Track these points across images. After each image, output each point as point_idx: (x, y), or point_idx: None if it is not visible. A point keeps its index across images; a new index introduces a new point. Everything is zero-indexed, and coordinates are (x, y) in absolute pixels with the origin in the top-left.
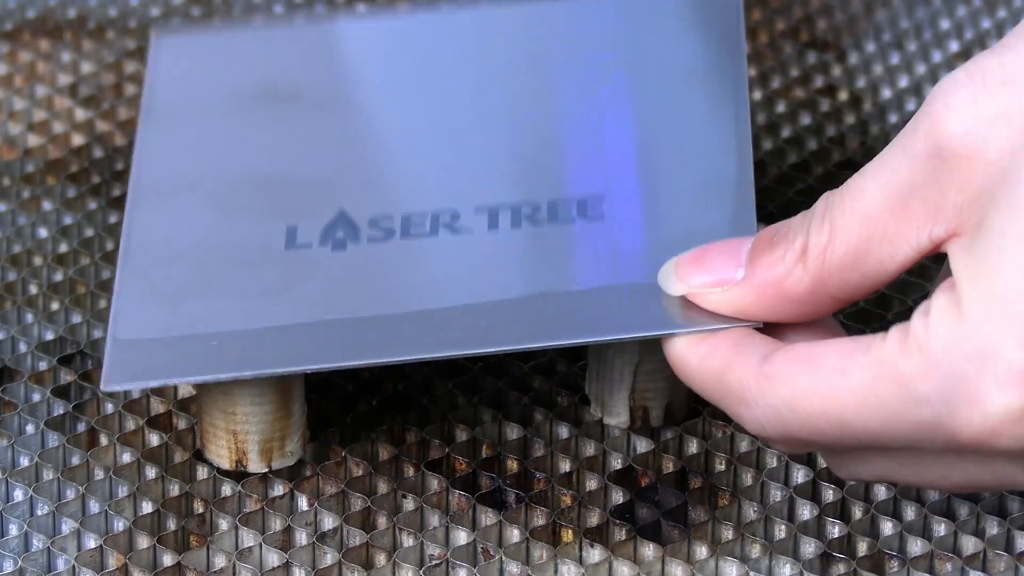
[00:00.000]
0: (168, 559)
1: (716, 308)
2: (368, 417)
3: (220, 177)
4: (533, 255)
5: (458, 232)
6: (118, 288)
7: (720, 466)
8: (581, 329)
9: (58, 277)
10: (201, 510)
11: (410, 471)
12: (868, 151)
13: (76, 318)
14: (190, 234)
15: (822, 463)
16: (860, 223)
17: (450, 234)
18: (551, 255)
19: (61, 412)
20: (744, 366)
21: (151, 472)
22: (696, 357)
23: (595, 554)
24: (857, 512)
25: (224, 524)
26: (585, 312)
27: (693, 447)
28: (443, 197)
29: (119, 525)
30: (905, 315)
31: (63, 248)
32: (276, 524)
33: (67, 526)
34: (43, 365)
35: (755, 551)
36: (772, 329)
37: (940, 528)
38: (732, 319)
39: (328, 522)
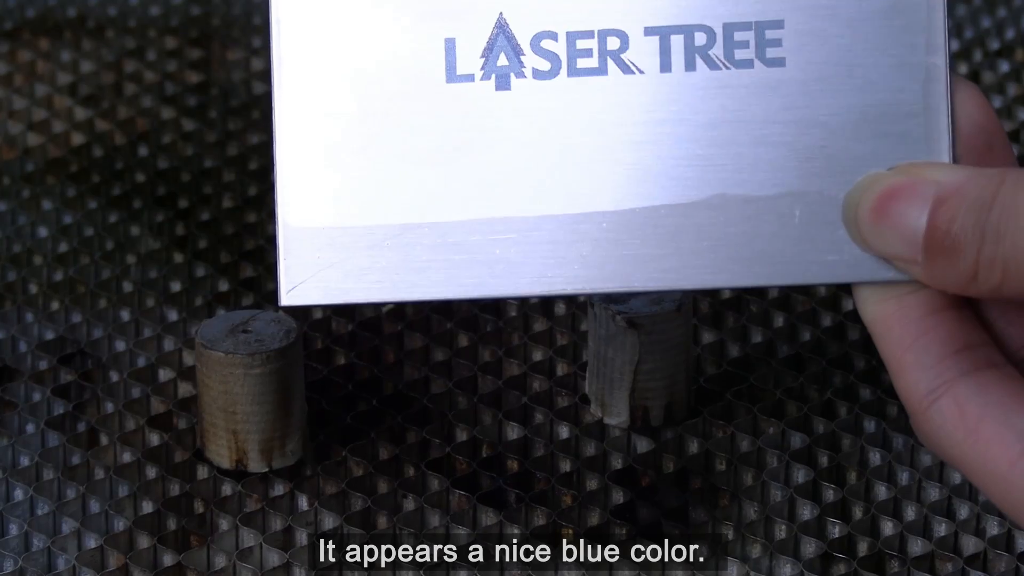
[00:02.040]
0: (168, 559)
1: (900, 270)
2: (368, 417)
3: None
4: (710, 131)
5: (628, 71)
6: (279, 161)
7: (720, 466)
8: (764, 269)
9: (58, 277)
10: (201, 510)
11: (410, 471)
12: None
13: (76, 318)
14: (346, 73)
15: (823, 463)
16: None
17: (620, 73)
18: (728, 129)
19: (61, 412)
20: (921, 367)
21: (151, 472)
22: (881, 318)
23: (595, 554)
24: (858, 512)
25: (224, 524)
26: (767, 241)
27: (693, 447)
28: (609, 14)
29: (119, 525)
30: None
31: (63, 248)
32: (276, 524)
33: (67, 526)
34: (43, 365)
35: (755, 551)
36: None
37: (941, 528)
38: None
39: (328, 522)
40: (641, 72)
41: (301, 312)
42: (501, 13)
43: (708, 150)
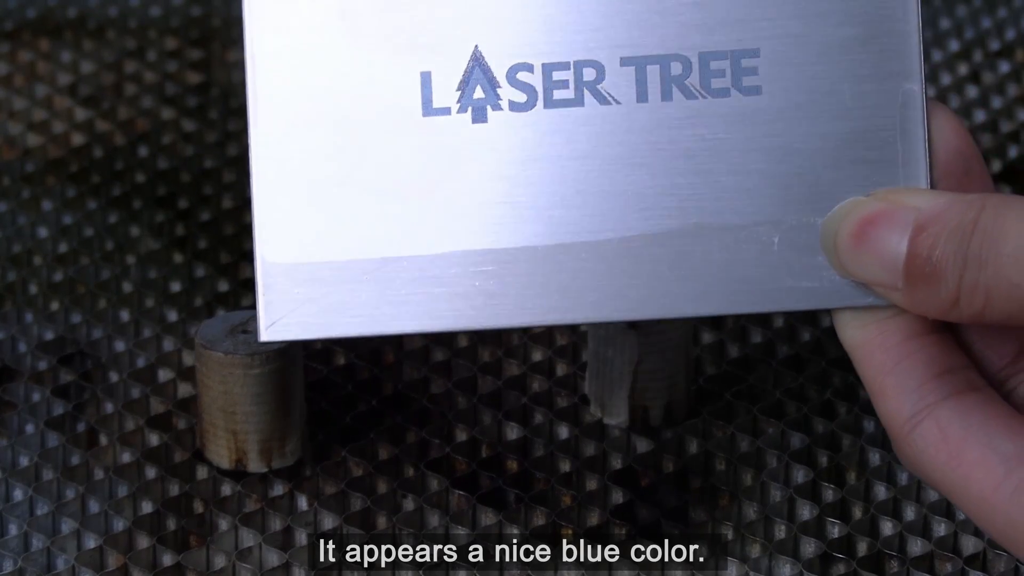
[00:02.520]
0: (168, 559)
1: (880, 295)
2: (368, 417)
3: (347, 35)
4: (687, 161)
5: (605, 102)
6: (256, 196)
7: (720, 466)
8: (743, 297)
9: (58, 277)
10: (201, 510)
11: (410, 471)
12: None
13: (76, 318)
14: (322, 107)
15: (822, 463)
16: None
17: (597, 104)
18: (706, 158)
19: (61, 412)
20: (902, 391)
21: (151, 472)
22: (861, 343)
23: (595, 554)
24: (857, 512)
25: (224, 524)
26: (746, 269)
27: (693, 447)
28: (584, 45)
29: (119, 525)
30: None
31: (63, 248)
32: (276, 524)
33: (67, 526)
34: (43, 365)
35: (755, 551)
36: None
37: (940, 528)
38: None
39: (328, 522)
40: (618, 103)
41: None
42: (476, 46)
43: (686, 179)
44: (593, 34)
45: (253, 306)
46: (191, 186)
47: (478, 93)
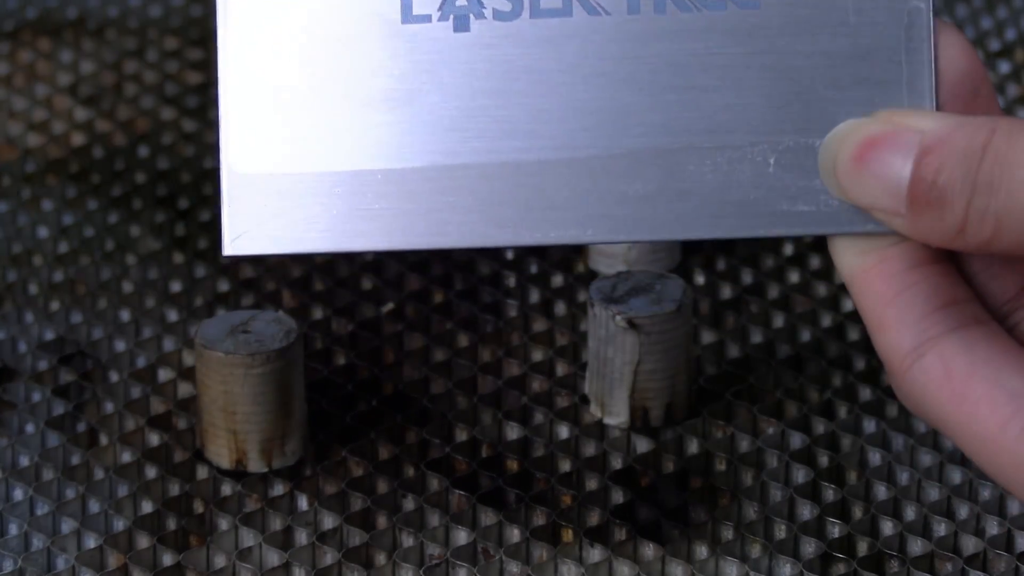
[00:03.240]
0: (168, 559)
1: (881, 222)
2: (368, 417)
3: None
4: (679, 76)
5: (594, 12)
6: (224, 105)
7: (720, 466)
8: (736, 220)
9: (58, 277)
10: (201, 510)
11: (410, 471)
12: None
13: (76, 318)
14: (296, 12)
15: (822, 463)
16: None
17: (586, 14)
18: (699, 74)
19: (61, 412)
20: (903, 323)
21: (151, 472)
22: (860, 272)
23: (595, 554)
24: (857, 512)
25: (224, 524)
26: (740, 191)
27: (693, 447)
28: None
29: (119, 525)
30: None
31: (63, 248)
32: (276, 524)
33: (67, 526)
34: (43, 365)
35: (755, 551)
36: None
37: (940, 528)
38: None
39: (328, 522)
40: (608, 13)
41: (298, 314)
42: None
43: (677, 96)
44: None
45: (218, 219)
46: (191, 186)
47: (460, 1)
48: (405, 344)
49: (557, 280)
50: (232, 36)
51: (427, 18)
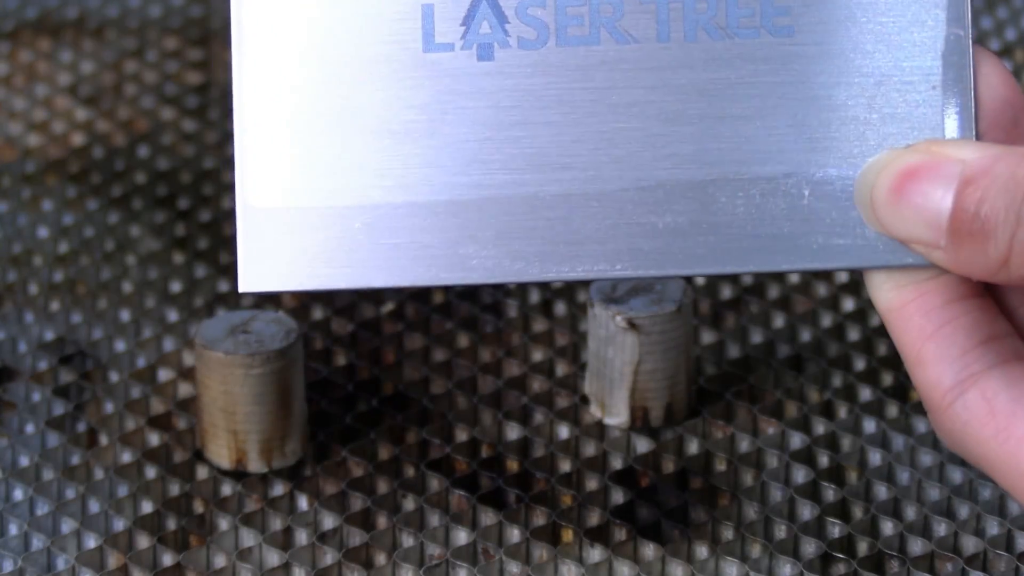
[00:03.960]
0: (168, 559)
1: (919, 255)
2: (368, 417)
3: None
4: (710, 105)
5: (623, 40)
6: (239, 137)
7: (720, 466)
8: (769, 254)
9: (58, 277)
10: (201, 510)
11: (410, 471)
12: None
13: (76, 318)
14: (315, 42)
15: (822, 463)
16: None
17: (614, 42)
18: (731, 103)
19: (61, 412)
20: (944, 359)
21: (151, 472)
22: (898, 306)
23: (595, 554)
24: (858, 512)
25: (224, 524)
26: (773, 224)
27: (693, 447)
28: None
29: (119, 525)
30: None
31: (63, 248)
32: (276, 524)
33: (67, 526)
34: (43, 365)
35: (755, 551)
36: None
37: (941, 528)
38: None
39: (328, 522)
40: (637, 41)
41: (298, 314)
42: None
43: (709, 126)
44: None
45: (233, 254)
46: (191, 186)
47: (484, 28)
48: (405, 344)
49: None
50: (248, 65)
51: (450, 47)
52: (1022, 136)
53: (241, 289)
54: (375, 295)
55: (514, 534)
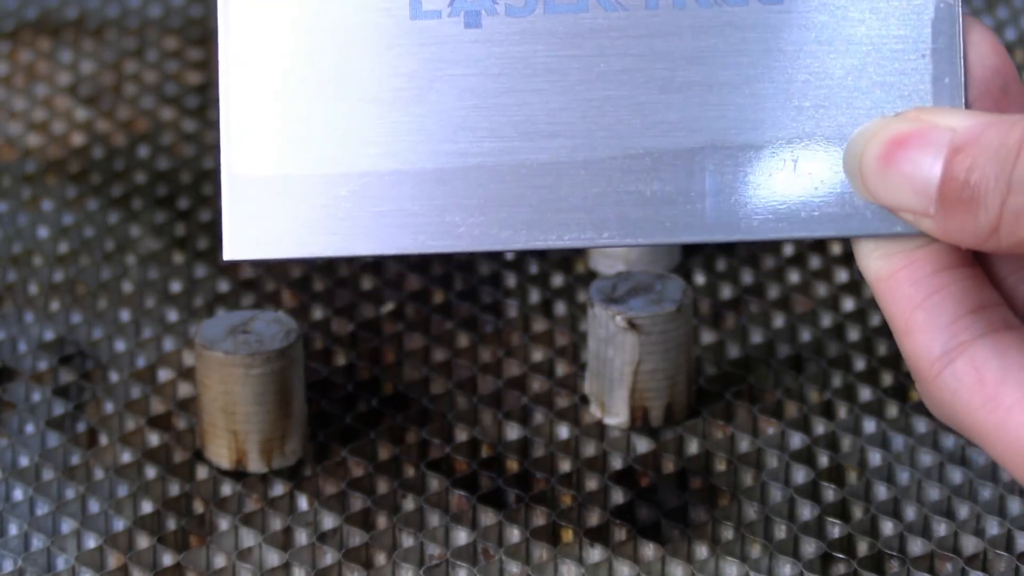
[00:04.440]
0: (168, 559)
1: (908, 223)
2: (368, 417)
3: None
4: (699, 73)
5: (612, 7)
6: (225, 105)
7: (720, 466)
8: (758, 223)
9: (58, 277)
10: (201, 510)
11: (410, 471)
12: None
13: (76, 318)
14: (301, 8)
15: (822, 463)
16: None
17: (603, 9)
18: (720, 71)
19: (61, 412)
20: (933, 328)
21: (151, 472)
22: (887, 276)
23: (595, 554)
24: (858, 512)
25: (224, 524)
26: (762, 192)
27: (693, 447)
28: None
29: (119, 525)
30: None
31: (63, 249)
32: (276, 524)
33: (67, 526)
34: (43, 365)
35: (755, 551)
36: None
37: (941, 528)
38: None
39: (328, 522)
40: (625, 8)
41: (298, 314)
42: None
43: (697, 94)
44: None
45: (218, 222)
46: (191, 186)
47: None
48: (405, 344)
49: (557, 280)
50: (234, 34)
51: (437, 14)
52: (1011, 104)
53: (225, 257)
54: (375, 296)
55: (514, 534)
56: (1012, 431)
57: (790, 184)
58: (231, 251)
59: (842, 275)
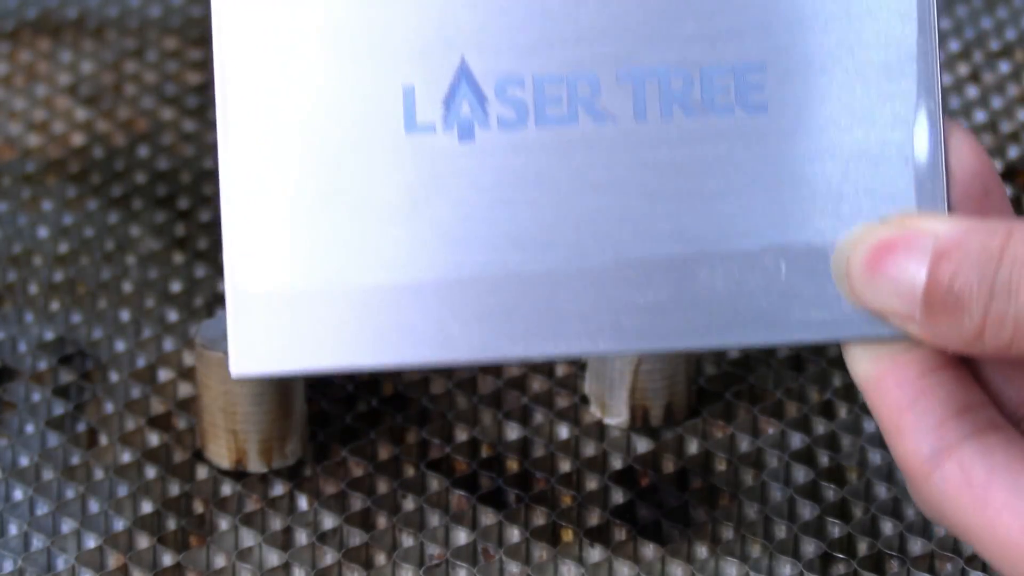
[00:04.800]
0: (168, 559)
1: (895, 327)
2: (368, 417)
3: (323, 47)
4: (687, 182)
5: (601, 119)
6: (226, 221)
7: (720, 466)
8: (749, 329)
9: (58, 277)
10: (201, 510)
11: (410, 471)
12: None
13: (76, 318)
14: (298, 124)
15: (822, 463)
16: None
17: (592, 121)
18: (708, 179)
19: (61, 412)
20: (921, 430)
21: (151, 472)
22: (875, 378)
23: (595, 554)
24: (858, 512)
25: (224, 524)
26: (752, 298)
27: (693, 447)
28: (579, 57)
29: (119, 525)
30: None
31: (63, 248)
32: (276, 524)
33: (67, 526)
34: (43, 365)
35: (755, 551)
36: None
37: (941, 528)
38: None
39: (328, 522)
40: (614, 120)
41: None
42: (463, 57)
43: (686, 202)
44: (588, 46)
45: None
46: (191, 186)
47: (465, 109)
48: None
49: None
50: (233, 148)
51: (431, 127)
52: (992, 207)
53: (232, 373)
54: None
55: (514, 534)
56: (1000, 532)
57: (779, 290)
58: (237, 367)
59: None
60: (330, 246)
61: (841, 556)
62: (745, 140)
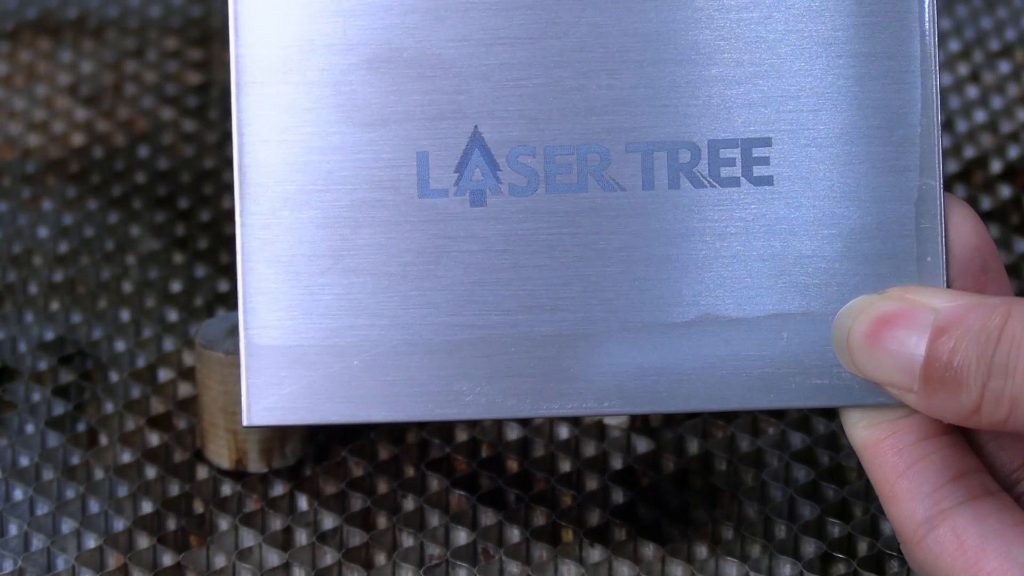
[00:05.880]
0: (168, 559)
1: (893, 397)
2: None
3: (340, 111)
4: (692, 250)
5: (610, 188)
6: (242, 277)
7: (720, 466)
8: (750, 393)
9: (58, 277)
10: (201, 510)
11: (410, 471)
12: None
13: (76, 318)
14: (315, 184)
15: (822, 463)
16: None
17: (601, 190)
18: (715, 246)
19: (61, 412)
20: (916, 495)
21: (151, 472)
22: (872, 443)
23: (595, 554)
24: (858, 512)
25: (224, 524)
26: (753, 364)
27: (693, 447)
28: (589, 130)
29: (119, 525)
30: None
31: (63, 248)
32: (276, 524)
33: (67, 526)
34: (43, 365)
35: (755, 551)
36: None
37: None
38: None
39: (328, 522)
40: (623, 189)
41: None
42: (476, 126)
43: (692, 270)
44: (598, 118)
45: (238, 388)
46: (191, 186)
47: (477, 175)
48: None
49: None
50: (250, 206)
51: (444, 192)
52: (990, 282)
53: (244, 423)
54: None
55: (514, 534)
56: None
57: (780, 357)
58: (249, 418)
59: None
60: (343, 304)
61: (841, 556)
62: (751, 210)
